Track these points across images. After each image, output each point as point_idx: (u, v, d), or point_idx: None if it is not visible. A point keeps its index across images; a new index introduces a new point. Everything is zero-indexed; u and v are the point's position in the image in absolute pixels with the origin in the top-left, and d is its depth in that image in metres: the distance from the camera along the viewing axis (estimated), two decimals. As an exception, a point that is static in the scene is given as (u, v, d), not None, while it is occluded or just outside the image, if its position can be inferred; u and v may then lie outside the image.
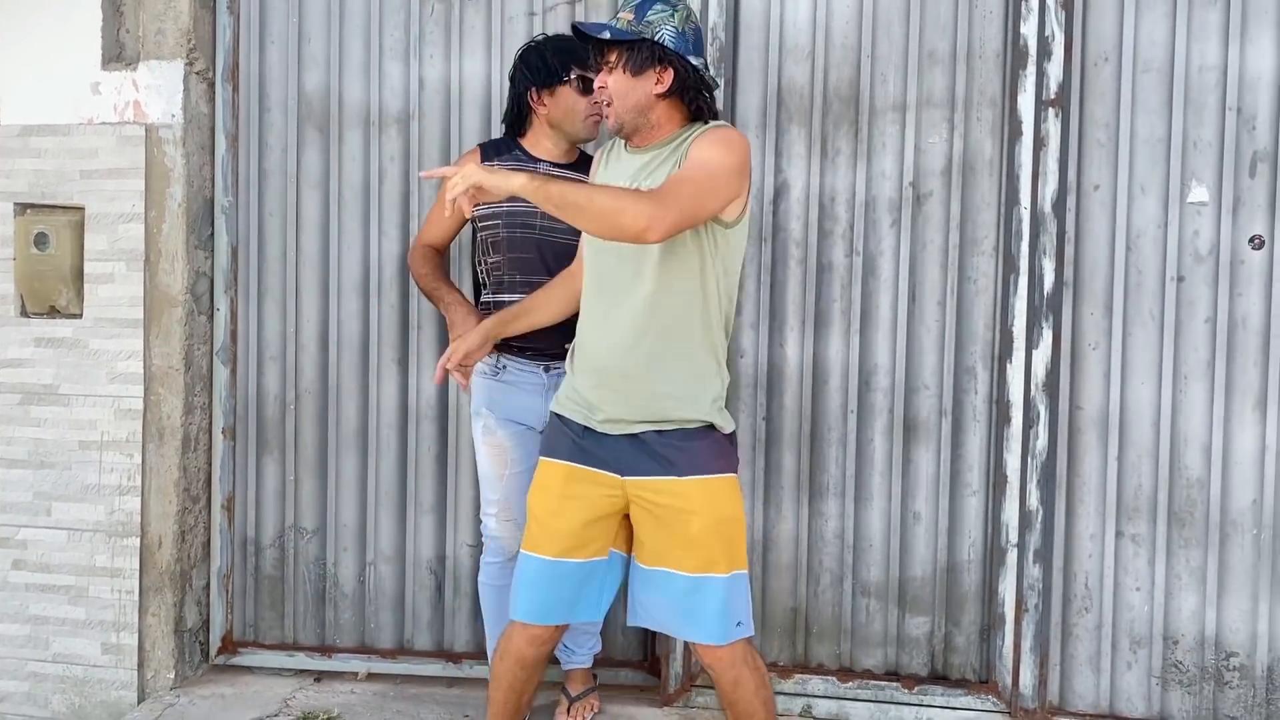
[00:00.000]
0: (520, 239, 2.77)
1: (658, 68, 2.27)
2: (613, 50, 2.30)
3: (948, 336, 2.91)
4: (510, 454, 2.82)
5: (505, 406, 2.82)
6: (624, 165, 2.36)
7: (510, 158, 2.78)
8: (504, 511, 2.83)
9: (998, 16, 2.85)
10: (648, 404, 2.29)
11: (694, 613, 2.28)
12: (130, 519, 3.22)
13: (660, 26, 2.27)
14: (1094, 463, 2.85)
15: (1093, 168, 2.81)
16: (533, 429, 2.80)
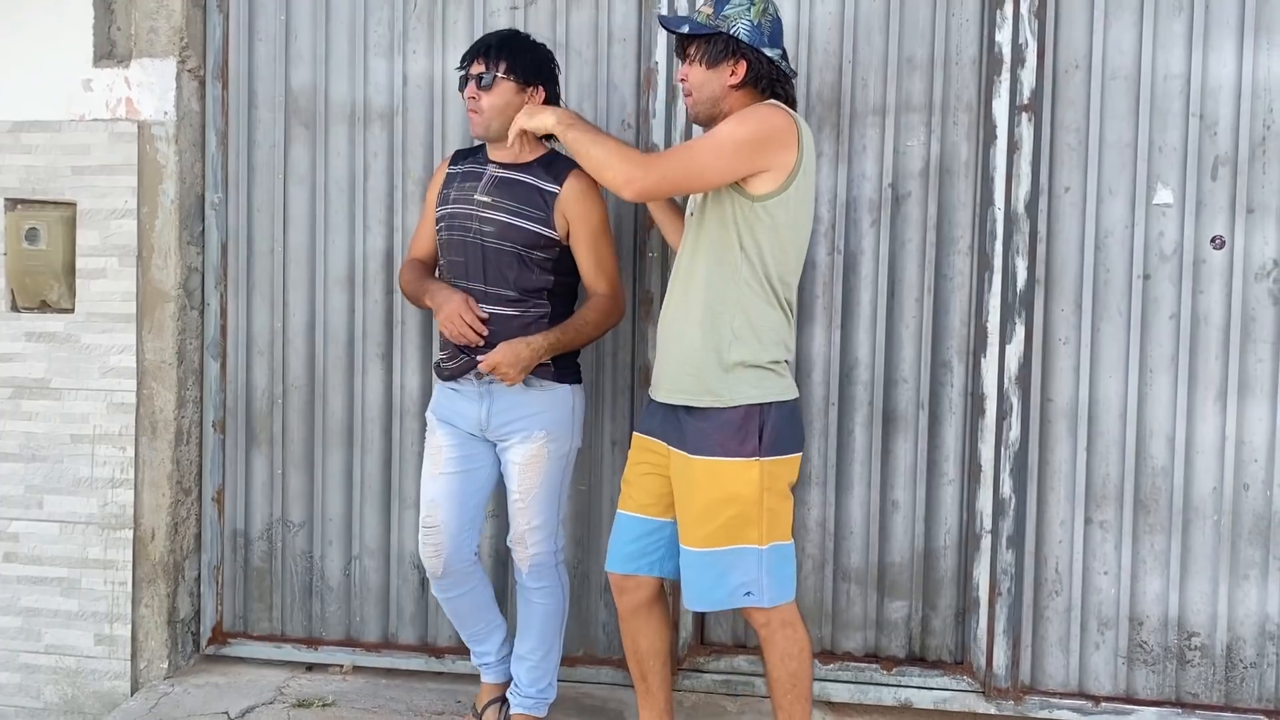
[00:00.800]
0: (457, 242, 2.80)
1: (732, 60, 2.44)
2: (691, 43, 2.48)
3: (925, 331, 3.07)
4: (444, 455, 2.85)
5: (446, 409, 2.87)
6: None
7: (472, 160, 2.86)
8: (430, 514, 2.85)
9: (974, 25, 3.01)
10: (672, 373, 2.52)
11: (691, 585, 2.52)
12: (123, 511, 3.31)
13: (736, 20, 2.43)
14: (1064, 452, 3.03)
15: (1064, 170, 2.98)
16: (471, 435, 2.84)
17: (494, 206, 2.75)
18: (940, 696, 3.09)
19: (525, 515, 2.83)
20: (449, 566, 2.83)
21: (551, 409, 2.81)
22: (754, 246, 2.43)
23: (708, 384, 2.45)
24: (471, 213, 2.76)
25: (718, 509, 2.43)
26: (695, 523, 2.46)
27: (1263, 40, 2.87)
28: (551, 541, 2.87)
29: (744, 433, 2.43)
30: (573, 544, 3.29)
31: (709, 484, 2.44)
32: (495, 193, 2.76)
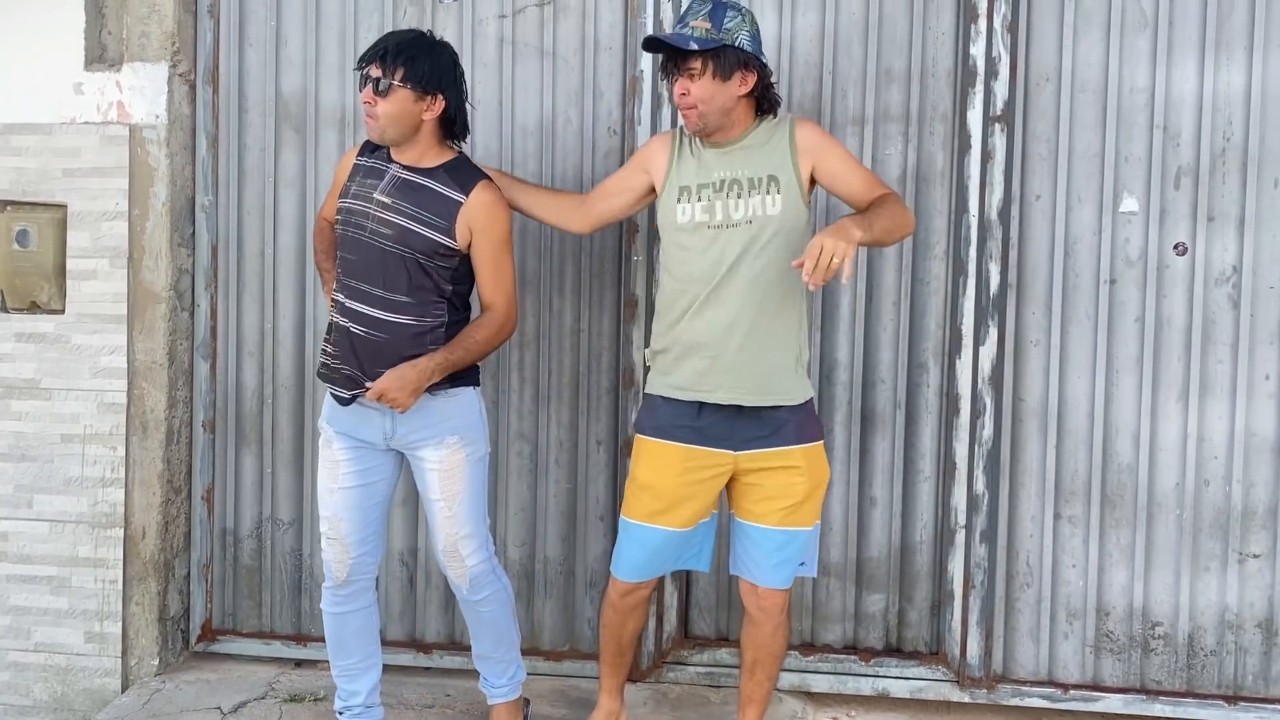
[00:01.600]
0: (352, 239, 2.74)
1: (742, 71, 2.59)
2: (696, 58, 2.58)
3: (902, 334, 3.22)
4: (341, 469, 2.80)
5: (345, 421, 2.80)
6: (711, 158, 2.68)
7: (377, 155, 2.78)
8: (332, 528, 2.81)
9: (949, 38, 3.16)
10: (761, 378, 2.70)
11: (776, 560, 2.70)
12: (114, 510, 3.39)
13: (737, 32, 2.58)
14: (1035, 450, 3.19)
15: (1035, 179, 3.15)
16: (372, 446, 2.79)
17: (393, 209, 2.69)
18: (916, 686, 3.25)
19: (454, 524, 2.79)
20: (352, 575, 2.83)
21: (461, 414, 2.78)
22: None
23: (790, 382, 2.67)
24: (369, 211, 2.71)
25: (814, 490, 2.68)
26: (795, 507, 2.66)
27: (1223, 57, 3.05)
28: (485, 549, 2.85)
29: (816, 419, 2.74)
30: (558, 541, 3.41)
31: (813, 467, 2.68)
32: (396, 194, 2.70)
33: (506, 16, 3.36)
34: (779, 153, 2.64)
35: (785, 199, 2.61)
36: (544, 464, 3.41)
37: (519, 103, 3.36)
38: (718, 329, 2.63)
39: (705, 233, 2.66)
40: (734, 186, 2.64)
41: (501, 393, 3.40)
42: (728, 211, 2.64)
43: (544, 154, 3.35)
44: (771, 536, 2.68)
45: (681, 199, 2.69)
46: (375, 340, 2.70)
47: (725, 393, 2.64)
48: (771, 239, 2.61)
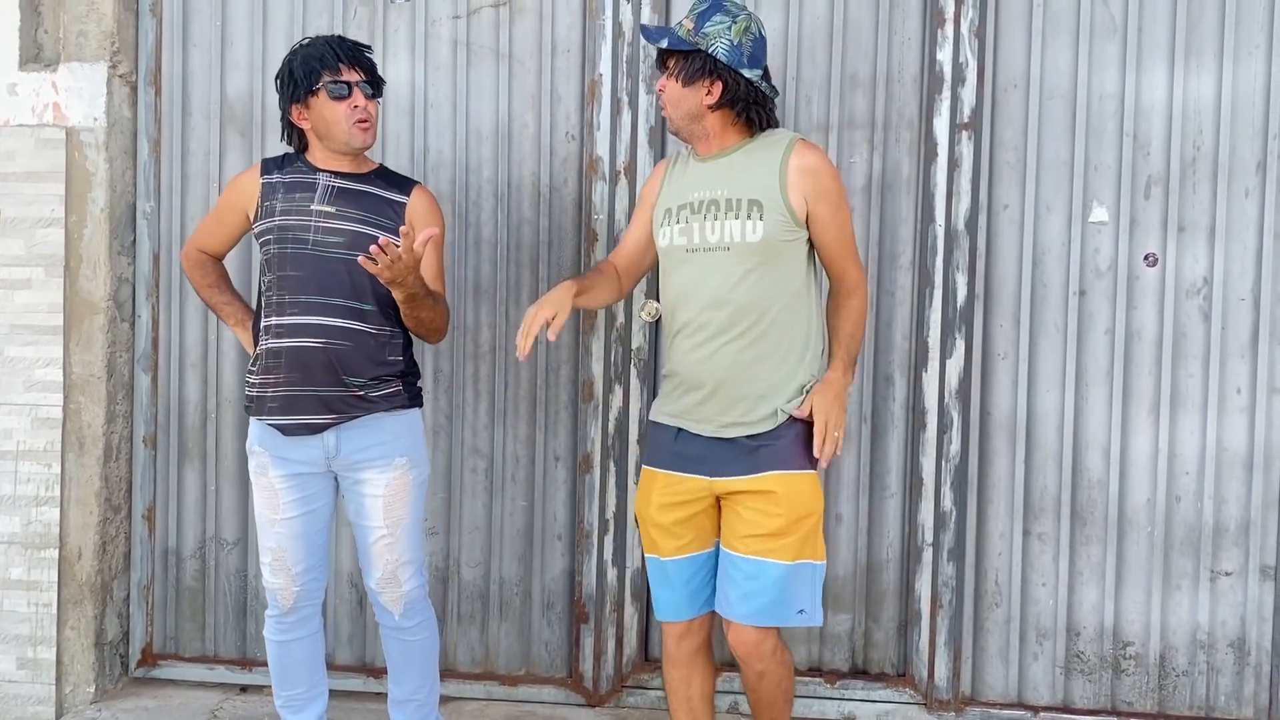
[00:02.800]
0: (291, 255, 2.67)
1: (708, 80, 2.48)
2: (671, 56, 2.53)
3: (867, 346, 3.20)
4: (281, 498, 2.73)
5: (280, 444, 2.72)
6: (692, 175, 2.60)
7: (292, 170, 2.73)
8: (276, 559, 2.75)
9: (915, 44, 3.16)
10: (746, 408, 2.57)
11: (752, 596, 2.51)
12: (48, 530, 3.32)
13: (716, 39, 2.47)
14: (1003, 465, 3.18)
15: (1003, 188, 3.14)
16: (311, 471, 2.72)
17: (340, 216, 2.66)
18: (883, 709, 3.22)
19: (394, 551, 2.73)
20: (298, 603, 2.77)
21: (409, 433, 2.75)
22: (815, 271, 2.58)
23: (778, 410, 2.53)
24: (309, 224, 2.66)
25: (795, 523, 2.49)
26: (767, 536, 2.49)
27: (1193, 64, 3.06)
28: (421, 574, 2.80)
29: (809, 446, 2.53)
30: (514, 561, 3.37)
31: (794, 498, 2.49)
32: (338, 202, 2.67)
33: (461, 17, 3.33)
34: (767, 175, 2.50)
35: (770, 226, 2.46)
36: (500, 481, 3.37)
37: (474, 106, 3.32)
38: (700, 359, 2.53)
39: (683, 256, 2.56)
40: (711, 208, 2.52)
41: (456, 407, 3.36)
42: (704, 234, 2.52)
43: (499, 159, 3.31)
44: (738, 565, 2.52)
45: (665, 221, 2.61)
46: (336, 349, 2.64)
47: (706, 425, 2.55)
48: (755, 268, 2.48)
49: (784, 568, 2.49)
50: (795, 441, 2.52)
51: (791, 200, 2.48)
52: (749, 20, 2.51)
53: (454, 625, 3.41)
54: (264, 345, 2.70)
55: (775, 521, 2.48)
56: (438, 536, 3.38)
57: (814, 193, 2.49)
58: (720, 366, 2.51)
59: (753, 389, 2.50)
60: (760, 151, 2.53)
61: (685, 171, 2.63)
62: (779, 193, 2.47)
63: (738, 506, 2.54)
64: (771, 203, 2.47)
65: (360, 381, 2.67)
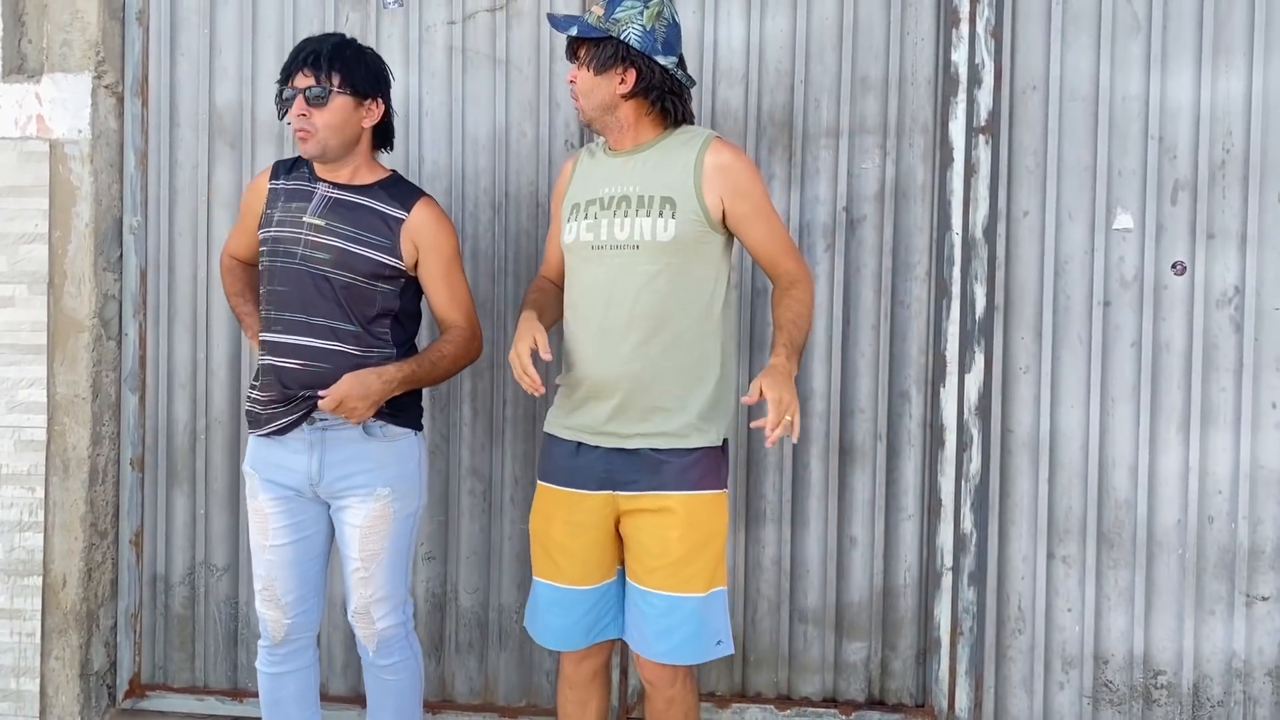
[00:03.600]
0: (280, 269, 2.59)
1: (621, 68, 2.41)
2: (581, 45, 2.45)
3: (882, 360, 3.11)
4: (271, 523, 2.64)
5: (266, 462, 2.64)
6: (603, 169, 2.51)
7: (296, 175, 2.68)
8: (267, 588, 2.66)
9: (929, 44, 3.06)
10: (644, 417, 2.49)
11: (672, 634, 2.41)
12: (31, 557, 3.24)
13: (627, 25, 2.39)
14: (1026, 485, 3.07)
15: (1022, 194, 3.04)
16: (299, 494, 2.63)
17: (329, 231, 2.57)
18: (901, 741, 3.11)
19: (369, 586, 2.63)
20: (290, 635, 2.68)
21: (397, 461, 2.63)
22: (728, 277, 2.50)
23: (684, 425, 2.43)
24: (300, 236, 2.57)
25: (702, 547, 2.41)
26: (677, 565, 2.40)
27: (1221, 63, 2.95)
28: (400, 612, 2.69)
29: (720, 463, 2.46)
30: (514, 588, 3.28)
31: (695, 520, 2.41)
32: (330, 215, 2.58)
33: (456, 23, 3.25)
34: (681, 172, 2.42)
35: (682, 225, 2.39)
36: (498, 503, 3.28)
37: (470, 114, 3.25)
38: (606, 364, 2.44)
39: (589, 254, 2.47)
40: (622, 203, 2.44)
41: (452, 426, 3.27)
42: (612, 231, 2.43)
43: (496, 169, 3.23)
44: (651, 601, 2.42)
45: (572, 216, 2.52)
46: (314, 371, 2.56)
47: (608, 438, 2.45)
48: (665, 269, 2.40)
49: (698, 600, 2.42)
50: (703, 460, 2.44)
51: (706, 199, 2.41)
52: (661, 5, 2.44)
53: (452, 655, 3.31)
54: (260, 361, 2.65)
55: (678, 547, 2.39)
56: (434, 562, 3.29)
57: (731, 191, 2.42)
58: (627, 373, 2.42)
59: (659, 400, 2.42)
60: (675, 148, 2.46)
61: (595, 166, 2.55)
62: (693, 190, 2.41)
63: (638, 528, 2.45)
64: (685, 201, 2.41)
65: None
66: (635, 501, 2.44)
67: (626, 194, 2.44)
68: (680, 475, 2.42)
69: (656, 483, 2.42)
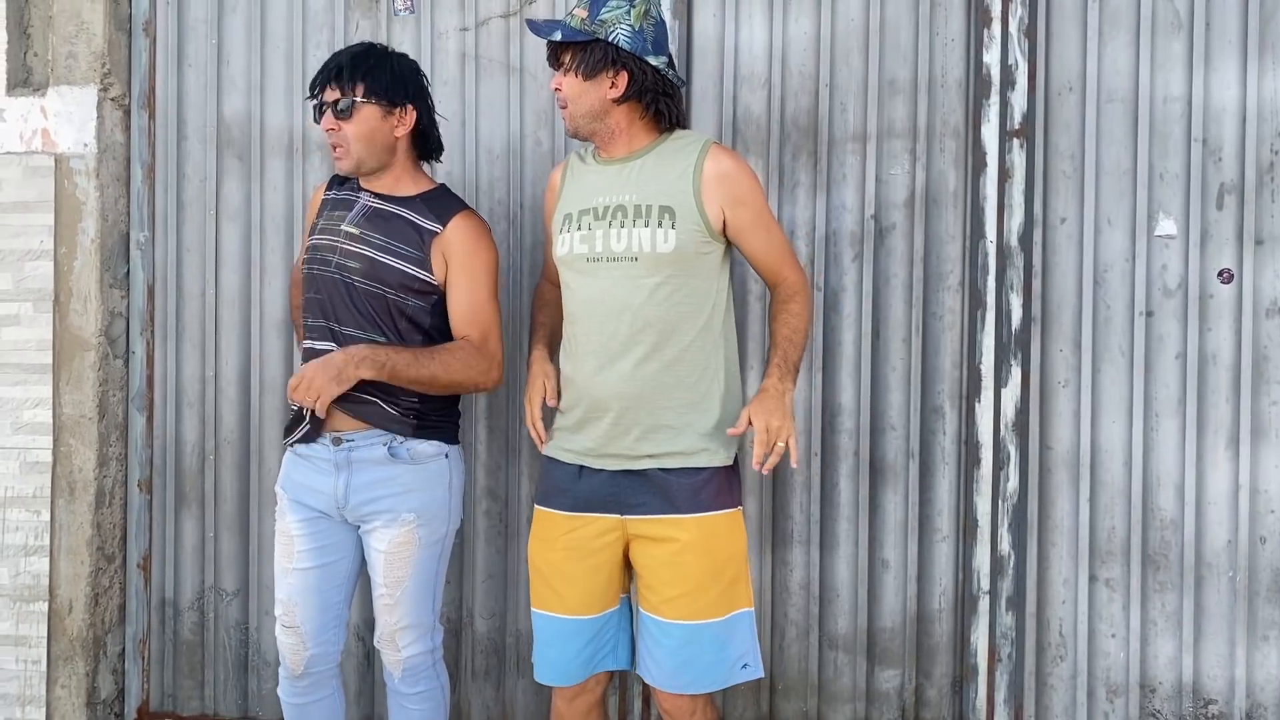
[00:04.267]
0: (316, 276, 2.58)
1: (611, 71, 2.32)
2: (566, 51, 2.37)
3: (913, 375, 3.01)
4: (296, 545, 2.59)
5: (297, 485, 2.61)
6: (595, 178, 2.43)
7: (349, 186, 2.65)
8: (287, 614, 2.61)
9: (959, 45, 2.97)
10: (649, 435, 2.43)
11: (687, 666, 2.32)
12: (37, 581, 3.20)
13: (615, 25, 2.31)
14: (1066, 505, 2.96)
15: (1059, 200, 2.94)
16: (326, 516, 2.59)
17: (361, 240, 2.55)
18: (937, 774, 3.00)
19: (394, 613, 2.58)
20: (310, 668, 2.62)
21: (425, 486, 2.58)
22: (727, 288, 2.45)
23: (690, 443, 2.36)
24: (334, 244, 2.56)
25: (719, 571, 2.32)
26: (694, 592, 2.31)
27: (1268, 60, 2.84)
28: (427, 640, 2.64)
29: (732, 480, 2.38)
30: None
31: (711, 543, 2.32)
32: (365, 225, 2.56)
33: (469, 29, 3.19)
34: (680, 180, 2.35)
35: (682, 236, 2.32)
36: (515, 525, 3.20)
37: (484, 123, 3.19)
38: (605, 381, 2.35)
39: (584, 266, 2.40)
40: (618, 213, 2.35)
41: (468, 445, 3.19)
42: (608, 242, 2.35)
43: (511, 179, 3.17)
44: (669, 632, 2.33)
45: (564, 227, 2.44)
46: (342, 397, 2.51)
47: (610, 459, 2.37)
48: (666, 281, 2.32)
49: (718, 625, 2.33)
50: (714, 479, 2.36)
51: (707, 208, 2.34)
52: (648, 3, 2.36)
53: (468, 682, 3.22)
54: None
55: (695, 573, 2.31)
56: (449, 586, 3.20)
57: (730, 199, 2.35)
58: (628, 390, 2.34)
59: (664, 417, 2.34)
60: (672, 155, 2.38)
61: (586, 173, 2.47)
62: (693, 199, 2.33)
63: (651, 556, 2.35)
64: (685, 210, 2.33)
65: (368, 406, 2.53)
66: (646, 526, 2.35)
67: (622, 203, 2.36)
68: (692, 497, 2.33)
69: (667, 505, 2.33)
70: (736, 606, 2.36)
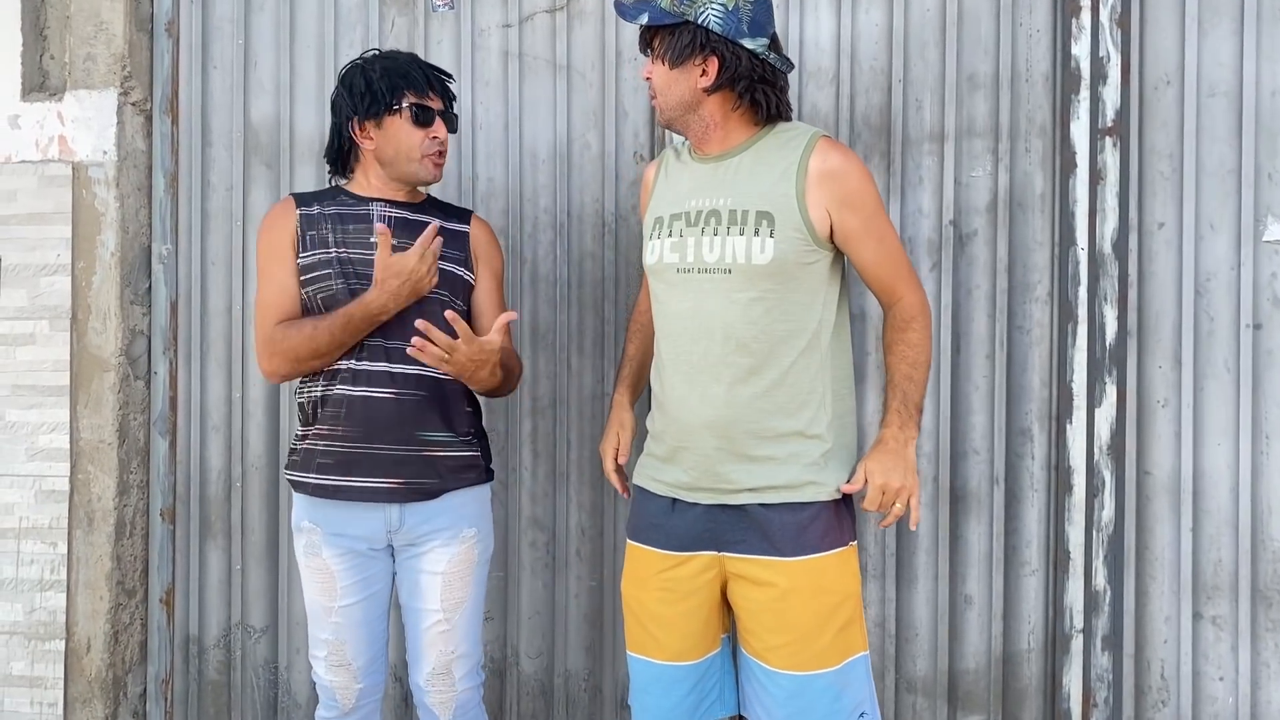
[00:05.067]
0: (357, 292, 2.36)
1: (700, 57, 2.11)
2: (655, 35, 2.16)
3: (998, 394, 2.80)
4: (339, 581, 2.43)
5: (332, 518, 2.43)
6: (690, 176, 2.22)
7: (334, 203, 2.45)
8: (335, 653, 2.45)
9: (1045, 36, 2.76)
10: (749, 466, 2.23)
11: (803, 714, 2.12)
12: (54, 618, 3.03)
13: (705, 6, 2.09)
14: (1166, 535, 2.74)
15: (1156, 203, 2.73)
16: (370, 546, 2.43)
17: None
18: (1026, 829, 2.78)
19: (450, 641, 2.42)
20: (360, 701, 2.47)
21: (478, 503, 2.48)
22: (838, 299, 2.22)
23: (797, 474, 2.14)
24: (372, 257, 2.37)
25: (828, 617, 2.12)
26: (801, 640, 2.11)
27: (1386, 48, 2.63)
28: (477, 673, 2.49)
29: (843, 514, 2.18)
30: (581, 651, 3.00)
31: (821, 587, 2.12)
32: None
33: (512, 26, 3.01)
34: (781, 181, 2.12)
35: (782, 245, 2.08)
36: (563, 557, 3.01)
37: (528, 125, 3.02)
38: (697, 405, 2.14)
39: (674, 278, 2.18)
40: (711, 219, 2.14)
41: (511, 471, 3.00)
42: (699, 252, 2.14)
43: (558, 185, 2.98)
44: (778, 682, 2.12)
45: (655, 233, 2.23)
46: (411, 400, 2.36)
47: (704, 493, 2.16)
48: (763, 295, 2.10)
49: (831, 675, 2.12)
50: (821, 515, 2.14)
51: (811, 213, 2.10)
52: None
53: None
54: (319, 392, 2.39)
55: (802, 619, 2.10)
56: (493, 623, 3.02)
57: (838, 202, 2.11)
58: (721, 417, 2.12)
59: (763, 448, 2.12)
60: (773, 151, 2.15)
61: (681, 172, 2.25)
62: (795, 202, 2.10)
63: (752, 600, 2.14)
64: (785, 215, 2.10)
65: (435, 437, 2.38)
66: (744, 566, 2.14)
67: (716, 208, 2.14)
68: (798, 537, 2.11)
69: (769, 546, 2.11)
70: (851, 652, 2.14)
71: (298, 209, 2.45)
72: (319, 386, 2.40)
